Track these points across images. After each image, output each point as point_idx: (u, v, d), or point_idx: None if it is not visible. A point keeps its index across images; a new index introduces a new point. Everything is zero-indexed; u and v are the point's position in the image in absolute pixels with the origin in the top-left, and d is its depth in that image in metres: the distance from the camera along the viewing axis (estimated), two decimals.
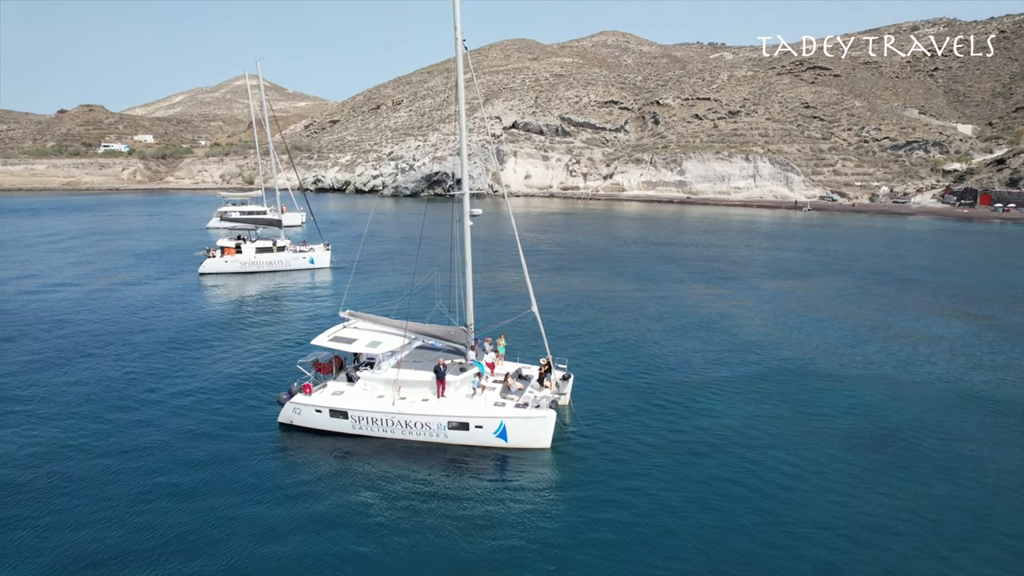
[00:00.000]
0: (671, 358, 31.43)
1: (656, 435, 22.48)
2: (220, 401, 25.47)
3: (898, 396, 26.53)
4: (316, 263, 55.93)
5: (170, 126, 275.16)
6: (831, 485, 19.28)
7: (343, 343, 23.33)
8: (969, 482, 19.55)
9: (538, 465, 20.51)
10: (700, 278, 52.77)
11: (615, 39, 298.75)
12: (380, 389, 22.70)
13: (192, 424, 23.33)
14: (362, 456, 21.06)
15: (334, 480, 19.48)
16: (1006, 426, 23.63)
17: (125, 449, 21.44)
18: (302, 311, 40.98)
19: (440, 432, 21.58)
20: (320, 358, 24.85)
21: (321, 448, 21.59)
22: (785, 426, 23.42)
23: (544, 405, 21.61)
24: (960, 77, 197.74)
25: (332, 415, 22.19)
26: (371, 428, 22.04)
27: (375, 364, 23.36)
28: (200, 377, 28.15)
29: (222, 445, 21.67)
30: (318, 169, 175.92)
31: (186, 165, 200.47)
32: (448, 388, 22.42)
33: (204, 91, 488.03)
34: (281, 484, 19.20)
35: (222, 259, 53.02)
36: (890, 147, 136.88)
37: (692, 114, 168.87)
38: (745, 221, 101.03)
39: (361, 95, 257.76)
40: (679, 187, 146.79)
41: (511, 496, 18.55)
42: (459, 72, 22.06)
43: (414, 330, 24.24)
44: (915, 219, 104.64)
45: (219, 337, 34.50)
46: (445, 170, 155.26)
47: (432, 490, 18.91)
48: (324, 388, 23.24)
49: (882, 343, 34.22)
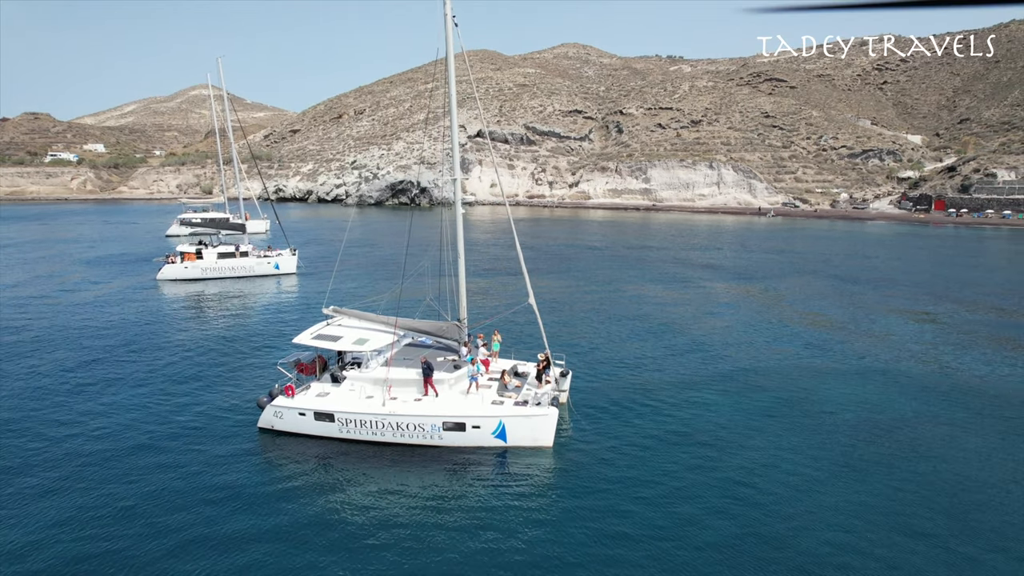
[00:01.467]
0: (664, 356, 30.60)
1: (658, 433, 21.43)
2: (190, 409, 23.49)
3: (895, 388, 26.17)
4: (282, 269, 53.65)
5: (122, 135, 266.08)
6: (837, 480, 18.51)
7: (328, 341, 21.72)
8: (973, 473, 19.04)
9: (540, 467, 19.20)
10: (676, 280, 52.39)
11: (576, 51, 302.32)
12: (369, 389, 21.14)
13: (161, 433, 21.33)
14: (350, 462, 19.45)
15: (320, 489, 17.83)
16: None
17: (86, 462, 19.37)
18: (269, 315, 38.94)
19: (434, 434, 20.13)
20: (302, 358, 23.16)
21: (305, 454, 19.89)
22: (783, 422, 22.68)
23: (545, 402, 20.38)
24: (908, 90, 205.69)
25: (317, 418, 20.52)
26: (360, 431, 20.43)
27: (362, 363, 21.81)
28: (163, 385, 26.05)
29: (197, 454, 19.77)
30: (279, 179, 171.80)
31: (140, 175, 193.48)
32: (442, 387, 21.02)
33: (158, 100, 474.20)
34: (262, 495, 17.47)
35: (182, 265, 50.40)
36: (847, 155, 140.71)
37: (655, 123, 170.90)
38: (712, 227, 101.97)
39: (322, 104, 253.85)
40: (644, 195, 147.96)
41: (513, 502, 17.15)
42: (448, 48, 20.88)
43: (404, 326, 22.77)
44: (875, 223, 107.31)
45: (181, 343, 32.29)
46: (410, 179, 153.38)
47: (428, 497, 17.42)
48: (307, 390, 21.57)
49: (874, 340, 34.09)
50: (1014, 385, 26.56)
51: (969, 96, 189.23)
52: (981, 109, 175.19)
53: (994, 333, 35.18)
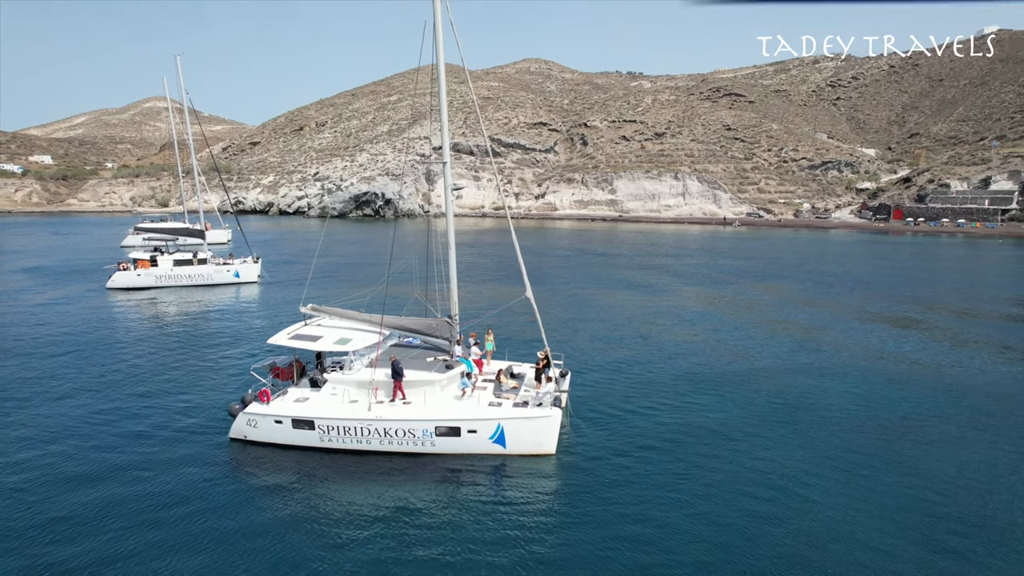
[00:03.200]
0: (655, 357, 29.45)
1: (661, 436, 20.08)
2: (147, 421, 21.17)
3: (895, 384, 25.51)
4: (242, 277, 50.93)
5: (71, 147, 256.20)
6: (844, 482, 17.45)
7: (306, 341, 19.78)
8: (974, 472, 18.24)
9: (543, 475, 17.58)
10: (650, 285, 51.66)
11: (538, 66, 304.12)
12: (352, 393, 19.25)
13: (111, 452, 19.00)
14: (333, 474, 17.56)
15: (300, 505, 15.88)
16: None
17: (31, 484, 17.02)
18: (232, 322, 36.59)
19: (426, 440, 18.36)
20: (278, 362, 21.10)
21: (282, 466, 17.90)
22: (785, 422, 21.64)
23: (547, 403, 18.80)
24: (859, 106, 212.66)
25: (295, 426, 18.54)
26: (343, 439, 18.53)
27: (345, 365, 19.93)
28: (113, 399, 23.59)
29: (157, 473, 17.56)
30: (238, 191, 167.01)
31: (91, 187, 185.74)
32: (432, 389, 19.27)
33: (110, 112, 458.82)
34: (234, 515, 15.44)
35: (134, 272, 47.35)
36: (807, 167, 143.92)
37: (619, 135, 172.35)
38: (679, 236, 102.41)
39: (283, 117, 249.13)
40: (611, 206, 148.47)
41: (514, 516, 15.45)
42: (437, 19, 19.46)
43: (390, 324, 20.98)
44: (837, 232, 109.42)
45: (134, 353, 29.76)
46: (375, 190, 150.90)
47: (420, 512, 15.61)
48: (284, 395, 19.56)
49: (864, 342, 33.63)
50: (998, 381, 26.23)
51: (917, 112, 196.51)
52: (929, 124, 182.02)
53: (982, 336, 35.20)
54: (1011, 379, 26.35)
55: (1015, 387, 25.28)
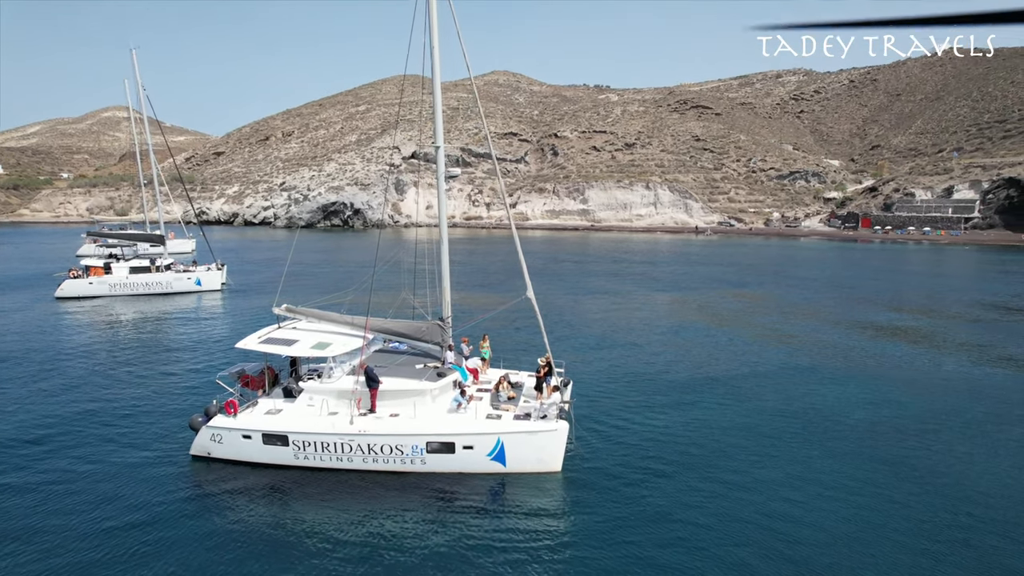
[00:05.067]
0: (651, 362, 27.89)
1: (677, 447, 18.41)
2: (96, 439, 18.66)
3: (905, 388, 24.39)
4: (204, 285, 48.02)
5: (24, 157, 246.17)
6: (858, 491, 16.01)
7: (280, 346, 17.56)
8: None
9: (549, 495, 15.64)
10: (626, 291, 50.36)
11: (506, 79, 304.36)
12: (332, 404, 17.08)
13: (59, 472, 16.53)
14: (309, 496, 15.37)
15: (270, 533, 13.67)
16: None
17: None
18: (192, 331, 33.91)
19: (416, 457, 16.29)
20: (248, 369, 18.78)
21: (251, 488, 15.65)
22: (791, 425, 20.22)
23: (552, 415, 16.88)
24: (822, 119, 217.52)
25: (266, 441, 16.32)
26: (321, 457, 16.36)
27: (324, 372, 17.78)
28: (55, 414, 20.95)
29: (105, 498, 15.16)
30: (202, 201, 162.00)
31: (45, 197, 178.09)
32: (423, 399, 17.22)
33: (66, 122, 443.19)
34: (194, 547, 13.16)
35: (86, 280, 44.13)
36: (776, 177, 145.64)
37: (590, 146, 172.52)
38: (652, 244, 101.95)
39: (248, 127, 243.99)
40: (582, 215, 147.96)
41: (517, 543, 13.43)
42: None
43: (375, 328, 18.86)
44: (808, 240, 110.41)
45: (83, 367, 27.01)
46: (343, 200, 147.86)
47: (407, 538, 13.54)
48: (254, 407, 17.31)
49: (869, 340, 32.64)
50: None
51: (877, 125, 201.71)
52: (889, 137, 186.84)
53: (968, 338, 34.62)
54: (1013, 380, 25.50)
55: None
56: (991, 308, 42.33)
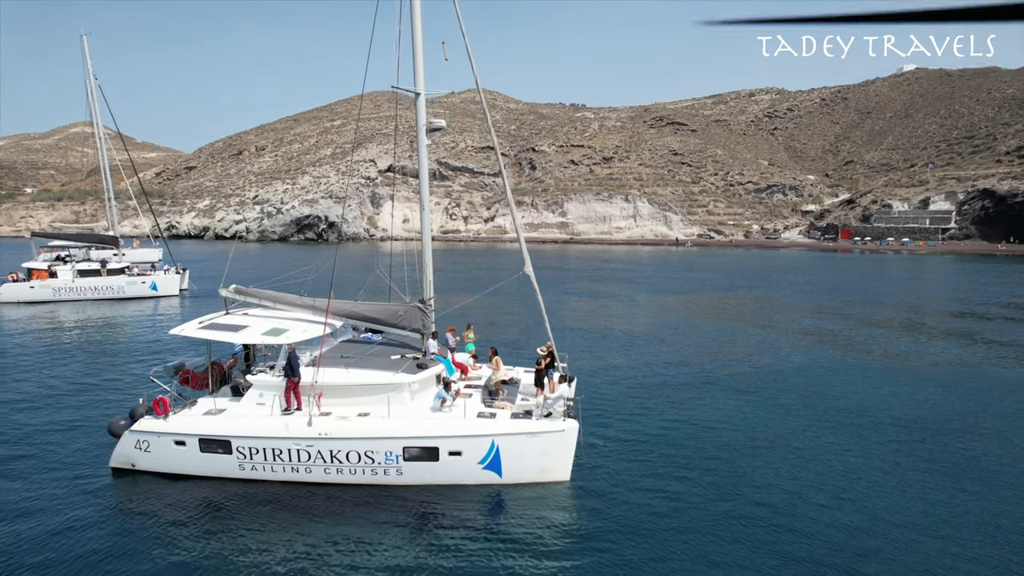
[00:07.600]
0: (653, 364, 25.33)
1: (696, 450, 15.72)
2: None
3: (927, 387, 22.18)
4: (161, 290, 44.42)
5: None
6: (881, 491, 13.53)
7: (226, 332, 14.40)
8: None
9: (555, 513, 12.52)
10: (609, 295, 48.02)
11: (483, 96, 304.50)
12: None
13: None
14: (257, 518, 12.22)
15: (206, 565, 10.60)
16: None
17: None
18: (131, 337, 30.46)
19: (390, 467, 13.21)
20: (188, 364, 15.57)
21: (184, 507, 12.47)
22: (798, 423, 17.73)
23: (558, 413, 13.96)
24: (796, 136, 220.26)
25: (204, 448, 13.14)
26: (272, 467, 13.23)
27: (277, 364, 14.72)
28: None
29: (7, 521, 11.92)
30: (172, 215, 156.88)
31: (6, 211, 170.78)
32: (400, 396, 14.17)
33: (32, 137, 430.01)
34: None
35: (27, 284, 40.31)
36: (754, 190, 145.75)
37: (568, 160, 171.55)
38: (630, 256, 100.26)
39: (220, 141, 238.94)
40: (561, 228, 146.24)
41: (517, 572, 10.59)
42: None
43: (340, 312, 15.81)
44: (789, 251, 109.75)
45: (10, 374, 23.48)
46: (317, 213, 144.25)
47: (379, 570, 10.51)
48: (191, 406, 14.12)
49: (865, 343, 30.57)
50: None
51: (849, 142, 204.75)
52: (862, 153, 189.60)
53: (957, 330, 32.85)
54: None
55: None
56: (992, 308, 40.91)
